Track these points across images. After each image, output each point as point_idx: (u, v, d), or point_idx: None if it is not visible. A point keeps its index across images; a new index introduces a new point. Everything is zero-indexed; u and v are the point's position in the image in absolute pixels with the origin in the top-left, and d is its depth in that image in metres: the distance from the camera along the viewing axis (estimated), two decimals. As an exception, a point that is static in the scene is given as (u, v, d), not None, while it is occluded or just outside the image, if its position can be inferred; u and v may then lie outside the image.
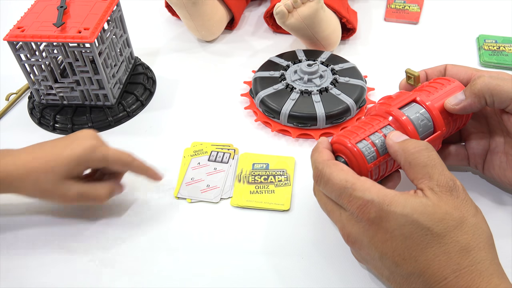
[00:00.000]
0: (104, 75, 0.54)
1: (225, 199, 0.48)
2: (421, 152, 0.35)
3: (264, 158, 0.52)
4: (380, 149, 0.39)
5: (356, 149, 0.38)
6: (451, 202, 0.33)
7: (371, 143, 0.39)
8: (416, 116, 0.40)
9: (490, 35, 0.67)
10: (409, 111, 0.40)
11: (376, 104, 0.43)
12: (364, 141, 0.39)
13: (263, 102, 0.55)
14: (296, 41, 0.69)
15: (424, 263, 0.32)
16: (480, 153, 0.45)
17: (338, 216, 0.37)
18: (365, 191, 0.34)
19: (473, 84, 0.40)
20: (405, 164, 0.36)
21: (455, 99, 0.40)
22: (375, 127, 0.40)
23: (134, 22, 0.70)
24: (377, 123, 0.40)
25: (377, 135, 0.39)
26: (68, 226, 0.46)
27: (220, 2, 0.68)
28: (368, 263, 0.37)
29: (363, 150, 0.38)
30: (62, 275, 0.42)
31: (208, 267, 0.43)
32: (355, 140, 0.39)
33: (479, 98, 0.39)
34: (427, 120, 0.40)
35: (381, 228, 0.33)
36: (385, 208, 0.33)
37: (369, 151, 0.38)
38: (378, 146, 0.39)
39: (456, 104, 0.40)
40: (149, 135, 0.56)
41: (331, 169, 0.36)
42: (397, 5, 0.75)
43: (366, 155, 0.38)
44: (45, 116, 0.57)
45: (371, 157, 0.38)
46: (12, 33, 0.51)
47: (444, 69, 0.45)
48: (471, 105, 0.40)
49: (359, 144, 0.38)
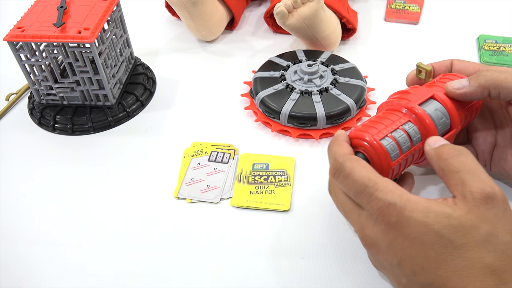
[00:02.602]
0: (104, 75, 0.54)
1: (225, 199, 0.48)
2: (454, 157, 0.33)
3: (264, 158, 0.52)
4: (403, 147, 0.38)
5: (381, 147, 0.37)
6: (483, 213, 0.30)
7: (394, 141, 0.38)
8: (436, 114, 0.39)
9: (490, 35, 0.67)
10: (429, 107, 0.40)
11: (393, 99, 0.41)
12: (387, 138, 0.38)
13: (263, 102, 0.55)
14: (296, 41, 0.69)
15: (444, 276, 0.30)
16: (487, 149, 0.45)
17: (357, 217, 0.35)
18: (387, 193, 0.32)
19: (480, 74, 0.39)
20: (439, 172, 0.34)
21: (459, 83, 0.40)
22: (396, 123, 0.39)
23: (134, 22, 0.70)
24: (397, 119, 0.39)
25: (399, 132, 0.38)
26: (68, 226, 0.46)
27: (220, 2, 0.68)
28: (385, 269, 0.34)
29: (388, 147, 0.37)
30: (62, 274, 0.42)
31: (208, 267, 0.43)
32: (378, 137, 0.38)
33: (482, 88, 0.38)
34: (445, 117, 0.40)
35: (401, 234, 0.31)
36: (406, 213, 0.31)
37: (393, 148, 0.37)
38: (400, 143, 0.38)
39: (458, 88, 0.39)
40: (149, 135, 0.56)
41: (352, 164, 0.35)
42: (397, 5, 0.75)
43: (390, 153, 0.37)
44: (45, 116, 0.57)
45: (395, 155, 0.37)
46: (12, 33, 0.51)
47: (451, 64, 0.44)
48: (472, 93, 0.39)
49: (383, 141, 0.37)
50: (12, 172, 0.52)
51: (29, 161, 0.53)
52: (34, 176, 0.52)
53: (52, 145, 0.55)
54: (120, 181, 0.50)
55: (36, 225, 0.47)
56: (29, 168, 0.52)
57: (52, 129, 0.57)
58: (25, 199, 0.49)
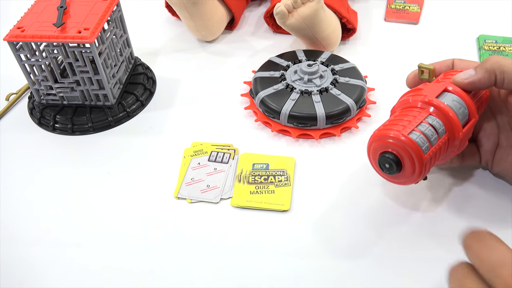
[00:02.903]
0: (104, 75, 0.54)
1: (225, 199, 0.48)
2: None
3: (264, 158, 0.52)
4: (431, 139, 0.38)
5: (412, 141, 0.37)
6: None
7: (422, 134, 0.37)
8: (454, 104, 0.40)
9: (490, 35, 0.67)
10: (446, 99, 0.40)
11: (408, 97, 0.41)
12: (415, 132, 0.38)
13: (263, 102, 0.55)
14: (296, 41, 0.69)
15: None
16: (490, 149, 0.45)
17: None
18: None
19: (485, 61, 0.40)
20: None
21: (465, 74, 0.40)
22: (418, 117, 0.39)
23: (134, 22, 0.70)
24: (418, 114, 0.39)
25: (423, 125, 0.38)
26: (69, 226, 0.46)
27: (220, 2, 0.68)
28: None
29: (418, 141, 0.37)
30: (62, 274, 0.42)
31: (208, 267, 0.43)
32: (406, 132, 0.37)
33: (489, 73, 0.39)
34: (463, 107, 0.40)
35: None
36: None
37: (423, 141, 0.37)
38: (428, 136, 0.38)
39: (466, 78, 0.40)
40: (149, 135, 0.56)
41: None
42: (397, 5, 0.75)
43: (421, 146, 0.37)
44: (45, 116, 0.57)
45: (426, 148, 0.37)
46: (12, 33, 0.51)
47: (452, 63, 0.44)
48: (480, 80, 0.39)
49: (412, 135, 0.37)
50: (12, 172, 0.52)
51: (29, 161, 0.53)
52: (34, 176, 0.52)
53: (52, 145, 0.55)
54: (120, 181, 0.50)
55: (37, 225, 0.47)
56: (29, 168, 0.52)
57: (52, 129, 0.57)
58: (25, 199, 0.49)
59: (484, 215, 0.45)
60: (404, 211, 0.46)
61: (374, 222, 0.45)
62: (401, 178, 0.40)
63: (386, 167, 0.39)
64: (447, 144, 0.40)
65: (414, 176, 0.39)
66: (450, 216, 0.45)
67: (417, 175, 0.38)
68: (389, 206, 0.46)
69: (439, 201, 0.46)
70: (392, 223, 0.45)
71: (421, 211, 0.46)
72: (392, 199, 0.47)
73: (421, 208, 0.46)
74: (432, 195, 0.47)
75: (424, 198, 0.47)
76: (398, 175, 0.40)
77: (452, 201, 0.46)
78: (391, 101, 0.50)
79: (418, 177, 0.39)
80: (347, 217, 0.46)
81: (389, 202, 0.47)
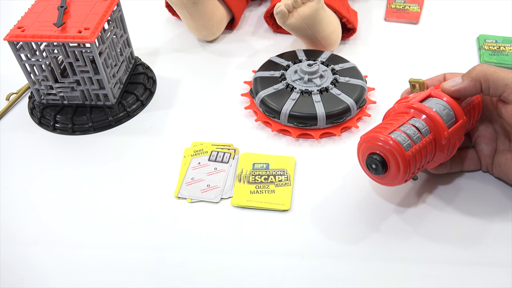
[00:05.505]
0: (105, 75, 0.54)
1: (225, 199, 0.48)
2: None
3: (264, 158, 0.52)
4: (413, 137, 0.40)
5: (391, 139, 0.39)
6: None
7: (403, 133, 0.40)
8: (437, 106, 0.42)
9: (490, 35, 0.67)
10: (429, 103, 0.42)
11: (394, 105, 0.44)
12: (396, 132, 0.40)
13: (263, 102, 0.55)
14: (296, 41, 0.69)
15: None
16: (489, 154, 0.47)
17: None
18: None
19: (472, 69, 0.42)
20: None
21: (452, 81, 0.43)
22: (401, 120, 0.41)
23: (134, 22, 0.70)
24: (401, 117, 0.42)
25: (406, 126, 0.41)
26: (69, 225, 0.46)
27: (221, 2, 0.68)
28: None
29: (398, 139, 0.39)
30: (62, 273, 0.42)
31: (208, 267, 0.43)
32: (387, 132, 0.40)
33: (474, 82, 0.41)
34: (448, 109, 0.42)
35: None
36: None
37: (404, 139, 0.39)
38: (410, 134, 0.40)
39: (452, 86, 0.42)
40: (149, 135, 0.56)
41: None
42: (397, 5, 0.75)
43: (402, 143, 0.39)
44: (46, 116, 0.57)
45: (407, 145, 0.39)
46: (13, 33, 0.51)
47: (443, 78, 0.46)
48: (465, 88, 0.41)
49: (392, 135, 0.40)
50: (12, 172, 0.52)
51: (30, 161, 0.53)
52: (34, 176, 0.52)
53: (52, 145, 0.55)
54: (121, 180, 0.51)
55: (37, 224, 0.47)
56: (30, 168, 0.52)
57: (52, 128, 0.57)
58: (25, 199, 0.49)
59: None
60: (406, 211, 0.46)
61: (374, 222, 0.45)
62: (389, 178, 0.41)
63: (373, 168, 0.41)
64: (434, 144, 0.41)
65: (400, 175, 0.40)
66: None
67: (402, 173, 0.40)
68: (390, 206, 0.46)
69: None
70: (393, 223, 0.45)
71: (421, 211, 0.46)
72: (394, 199, 0.47)
73: (421, 208, 0.46)
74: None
75: (426, 198, 0.47)
76: (385, 175, 0.41)
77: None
78: (391, 100, 0.50)
79: (404, 175, 0.40)
80: (348, 217, 0.46)
81: (390, 202, 0.47)
